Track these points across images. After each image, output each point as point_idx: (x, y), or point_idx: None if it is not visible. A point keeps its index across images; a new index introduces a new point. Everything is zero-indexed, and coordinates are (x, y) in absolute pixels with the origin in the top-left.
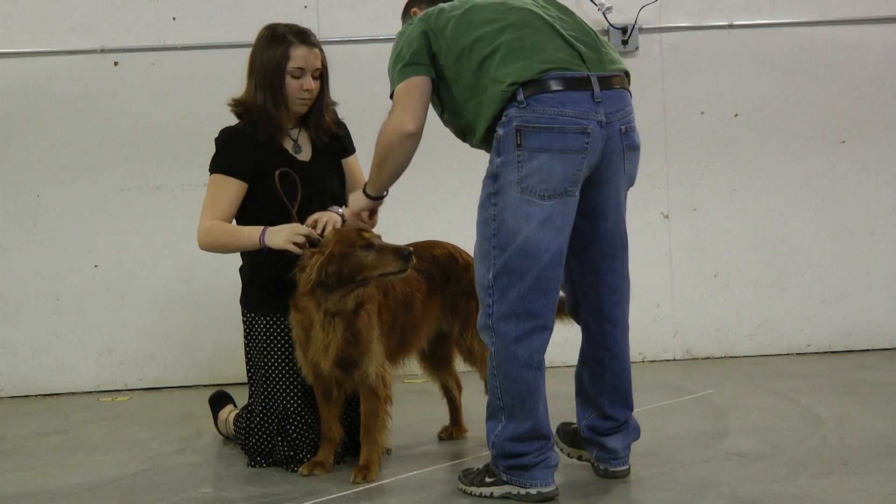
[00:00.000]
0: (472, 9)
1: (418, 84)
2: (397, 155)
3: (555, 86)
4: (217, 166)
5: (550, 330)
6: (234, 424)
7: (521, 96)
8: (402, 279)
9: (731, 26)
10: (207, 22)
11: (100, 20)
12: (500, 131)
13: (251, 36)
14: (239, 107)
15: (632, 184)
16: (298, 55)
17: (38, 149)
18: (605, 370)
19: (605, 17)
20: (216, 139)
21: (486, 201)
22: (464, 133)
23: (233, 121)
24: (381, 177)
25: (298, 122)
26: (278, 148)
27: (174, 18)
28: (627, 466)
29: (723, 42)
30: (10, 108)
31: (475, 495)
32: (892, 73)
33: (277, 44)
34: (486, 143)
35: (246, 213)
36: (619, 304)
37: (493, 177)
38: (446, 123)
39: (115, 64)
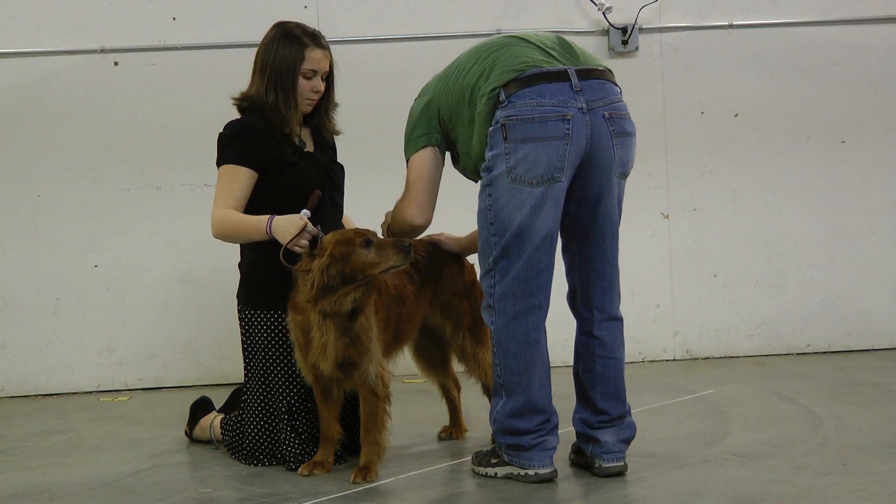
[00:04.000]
0: (461, 60)
1: (424, 160)
2: (413, 236)
3: (532, 81)
4: (227, 157)
5: (545, 310)
6: (221, 428)
7: (503, 96)
8: (393, 272)
9: (731, 26)
10: (207, 22)
11: (100, 20)
12: (490, 130)
13: (251, 36)
14: (245, 101)
15: (625, 170)
16: (313, 57)
17: (38, 149)
18: (594, 359)
19: (605, 17)
20: (222, 133)
21: (482, 192)
22: (475, 167)
23: (233, 116)
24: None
25: (302, 119)
26: (287, 139)
27: (174, 18)
28: (622, 464)
29: (723, 42)
30: (10, 108)
31: (482, 475)
32: (892, 73)
33: (292, 44)
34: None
35: (254, 204)
36: (606, 291)
37: (486, 170)
38: (462, 171)
39: (115, 64)
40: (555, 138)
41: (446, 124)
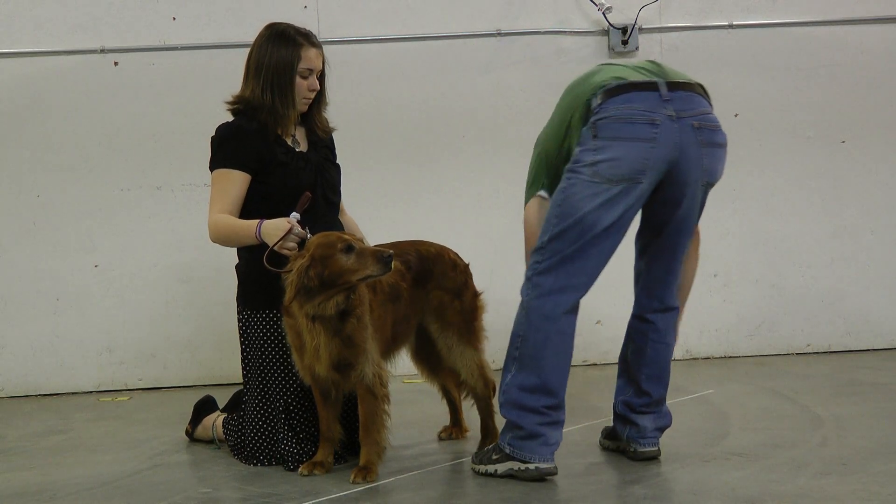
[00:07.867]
0: (558, 102)
1: (531, 212)
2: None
3: (621, 90)
4: (219, 161)
5: (581, 293)
6: (223, 428)
7: (594, 104)
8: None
9: (731, 26)
10: (207, 22)
11: (100, 20)
12: (581, 130)
13: (251, 36)
14: (240, 104)
15: (711, 180)
16: (309, 56)
17: (38, 149)
18: (646, 341)
19: (605, 17)
20: (214, 136)
21: (563, 176)
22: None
23: (230, 118)
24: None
25: (298, 118)
26: (279, 140)
27: (174, 18)
28: (656, 448)
29: (723, 42)
30: (10, 108)
31: (482, 473)
32: (892, 73)
33: (287, 44)
34: None
35: (247, 206)
36: (670, 285)
37: (574, 161)
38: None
39: (116, 64)
40: (641, 140)
41: (554, 160)
